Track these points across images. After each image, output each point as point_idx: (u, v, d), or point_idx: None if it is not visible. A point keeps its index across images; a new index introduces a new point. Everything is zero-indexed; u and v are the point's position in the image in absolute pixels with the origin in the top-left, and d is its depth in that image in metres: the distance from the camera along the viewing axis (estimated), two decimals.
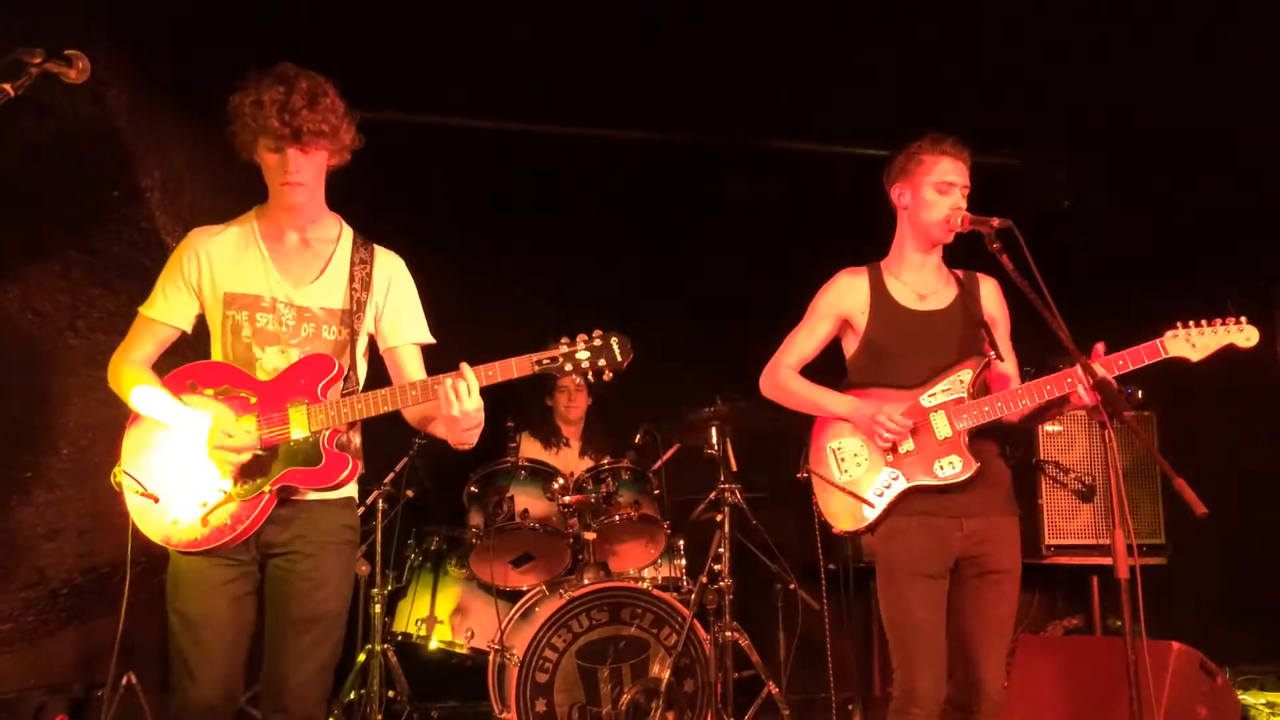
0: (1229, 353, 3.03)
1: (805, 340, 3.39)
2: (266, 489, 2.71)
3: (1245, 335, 3.03)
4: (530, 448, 5.41)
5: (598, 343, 2.71)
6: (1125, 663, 2.60)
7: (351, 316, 2.86)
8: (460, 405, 2.63)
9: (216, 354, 2.85)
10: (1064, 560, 5.21)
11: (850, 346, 3.38)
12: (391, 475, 4.76)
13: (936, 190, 3.22)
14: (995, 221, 3.02)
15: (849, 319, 3.34)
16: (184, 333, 2.90)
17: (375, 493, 4.70)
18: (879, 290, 3.31)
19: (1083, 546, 5.20)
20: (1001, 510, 3.19)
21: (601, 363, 2.70)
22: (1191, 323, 3.04)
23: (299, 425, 2.72)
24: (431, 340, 3.00)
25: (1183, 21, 4.71)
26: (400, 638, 4.85)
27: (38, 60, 2.17)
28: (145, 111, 4.29)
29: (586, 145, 6.00)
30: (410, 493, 4.81)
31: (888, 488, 3.17)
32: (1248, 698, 4.97)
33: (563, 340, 2.72)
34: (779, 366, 3.39)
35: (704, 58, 5.23)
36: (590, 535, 4.59)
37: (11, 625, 4.77)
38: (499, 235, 5.92)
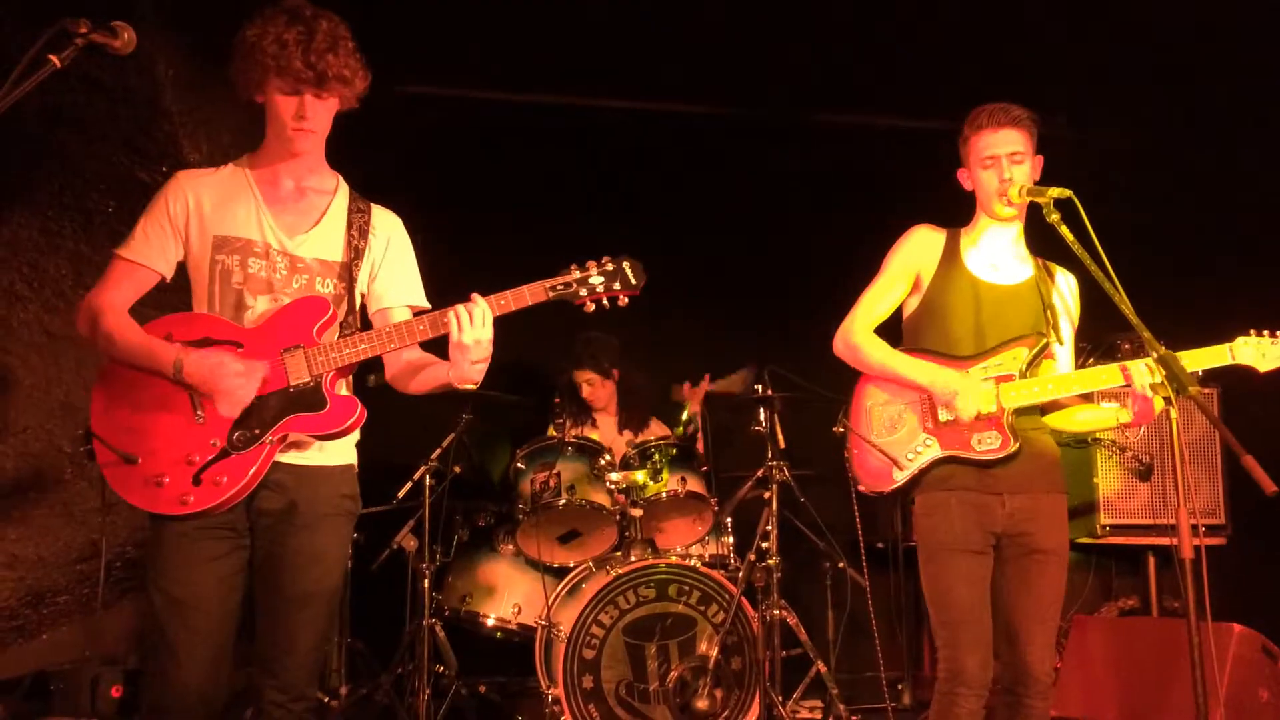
0: None
1: (879, 299, 3.29)
2: (267, 439, 2.51)
3: None
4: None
5: (610, 267, 2.62)
6: (1182, 644, 2.52)
7: (350, 267, 2.69)
8: (472, 332, 2.50)
9: (201, 305, 2.63)
10: (1120, 540, 5.12)
11: (911, 305, 3.30)
12: (439, 451, 4.77)
13: (982, 168, 3.16)
14: (1054, 191, 2.94)
15: (919, 274, 3.26)
16: (162, 279, 2.66)
17: (422, 468, 4.71)
18: (952, 252, 3.24)
19: (1139, 526, 5.10)
20: (1047, 488, 3.12)
21: (617, 286, 2.61)
22: (1266, 332, 2.97)
23: (298, 370, 2.54)
24: (426, 305, 2.81)
25: None
26: (448, 613, 4.87)
27: (83, 31, 2.14)
28: (193, 86, 4.29)
29: (625, 117, 5.96)
30: (458, 468, 4.81)
31: (918, 453, 3.13)
32: None
33: (573, 266, 2.62)
34: (854, 327, 3.28)
35: (748, 29, 5.17)
36: (637, 512, 4.56)
37: (68, 598, 4.84)
38: (533, 209, 5.89)
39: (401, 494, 4.78)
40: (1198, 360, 2.96)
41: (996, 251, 3.25)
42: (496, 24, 5.10)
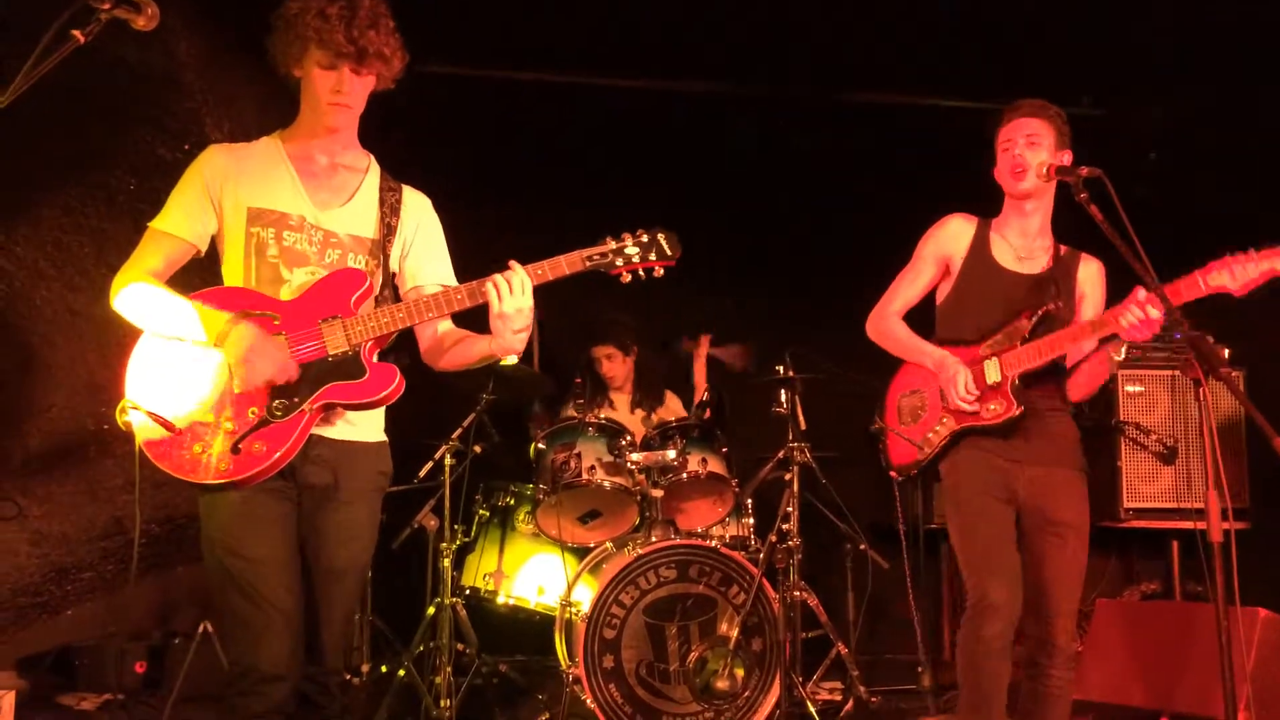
0: None
1: (910, 285, 3.43)
2: (306, 408, 2.50)
3: None
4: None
5: (645, 238, 2.67)
6: (1205, 628, 2.52)
7: (382, 244, 2.71)
8: (513, 300, 2.53)
9: (234, 278, 2.62)
10: (1143, 524, 5.09)
11: (943, 292, 3.41)
12: (459, 430, 4.77)
13: (1001, 151, 3.26)
14: (1083, 171, 2.94)
15: (950, 263, 3.37)
16: (197, 252, 2.65)
17: (443, 448, 4.71)
18: (980, 242, 3.33)
19: (1162, 510, 5.07)
20: (1064, 463, 3.22)
21: (652, 256, 2.65)
22: (1239, 253, 2.98)
23: (336, 340, 2.54)
24: (457, 285, 2.79)
25: None
26: (469, 592, 4.88)
27: (106, 6, 2.13)
28: (216, 64, 4.29)
29: (649, 98, 5.91)
30: (478, 448, 4.81)
31: (937, 431, 3.29)
32: None
33: (609, 238, 2.66)
34: (885, 312, 3.43)
35: (778, 5, 5.11)
36: (658, 492, 4.55)
37: (92, 574, 4.88)
38: (558, 191, 5.86)
39: (422, 473, 4.78)
40: (1172, 295, 2.93)
41: (1024, 243, 3.32)
42: (517, 3, 5.07)
